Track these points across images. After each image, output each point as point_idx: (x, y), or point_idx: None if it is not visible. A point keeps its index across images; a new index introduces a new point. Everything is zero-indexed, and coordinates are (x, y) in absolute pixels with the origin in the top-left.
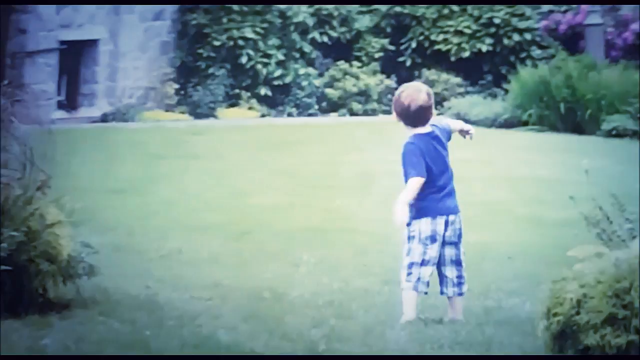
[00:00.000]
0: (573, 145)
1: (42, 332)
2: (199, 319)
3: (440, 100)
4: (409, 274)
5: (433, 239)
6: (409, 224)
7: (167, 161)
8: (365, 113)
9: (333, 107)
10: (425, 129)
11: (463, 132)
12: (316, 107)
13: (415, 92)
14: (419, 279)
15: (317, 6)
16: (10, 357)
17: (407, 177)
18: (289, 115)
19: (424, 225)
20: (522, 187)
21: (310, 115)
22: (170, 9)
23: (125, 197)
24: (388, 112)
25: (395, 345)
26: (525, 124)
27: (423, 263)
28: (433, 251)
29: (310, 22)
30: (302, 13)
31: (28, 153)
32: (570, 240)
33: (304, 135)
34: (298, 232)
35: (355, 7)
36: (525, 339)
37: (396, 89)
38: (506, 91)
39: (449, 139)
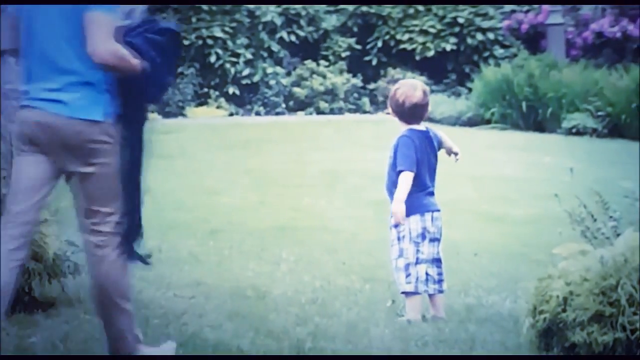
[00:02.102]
0: (534, 143)
1: (28, 330)
2: (183, 317)
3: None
4: (408, 275)
5: (423, 236)
6: (396, 225)
7: None
8: (332, 112)
9: (300, 105)
10: (421, 127)
11: (451, 152)
12: (283, 105)
13: (410, 89)
14: (417, 278)
15: (285, 6)
16: (6, 357)
17: (395, 168)
18: (257, 114)
19: (414, 224)
20: (485, 184)
21: (277, 114)
22: (140, 9)
23: None
24: (354, 111)
25: (380, 343)
26: (488, 122)
27: (418, 262)
28: (425, 248)
29: (279, 21)
30: (271, 12)
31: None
32: (535, 236)
33: (272, 133)
34: (269, 231)
35: (322, 7)
36: (507, 336)
37: (362, 87)
38: (470, 90)
39: (438, 148)
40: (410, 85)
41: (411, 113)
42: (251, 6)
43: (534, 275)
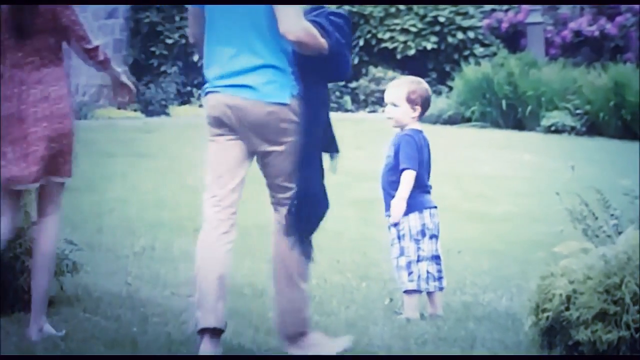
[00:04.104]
0: (514, 141)
1: (28, 329)
2: (182, 315)
3: None
4: (411, 273)
5: (423, 233)
6: (396, 224)
7: (119, 159)
8: None
9: None
10: (419, 127)
11: None
12: None
13: (425, 84)
14: (419, 276)
15: None
16: (7, 357)
17: (395, 167)
18: None
19: (413, 221)
20: (465, 182)
21: None
22: (123, 8)
23: (79, 194)
24: (336, 109)
25: (380, 341)
26: (468, 120)
27: (419, 259)
28: (425, 245)
29: None
30: None
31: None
32: (516, 234)
33: None
34: (255, 229)
35: (304, 7)
36: (505, 334)
37: (344, 86)
38: (450, 88)
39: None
40: (420, 80)
41: (429, 106)
42: None
43: (523, 273)
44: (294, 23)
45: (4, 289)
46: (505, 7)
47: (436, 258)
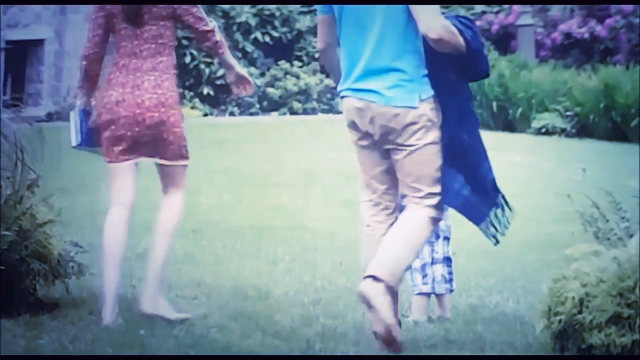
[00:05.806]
0: (504, 143)
1: (35, 331)
2: (189, 318)
3: None
4: (425, 275)
5: (437, 235)
6: None
7: None
8: (305, 112)
9: (274, 106)
10: None
11: None
12: (257, 106)
13: None
14: (433, 279)
15: (259, 6)
16: (10, 357)
17: None
18: (231, 114)
19: None
20: None
21: (251, 114)
22: None
23: (71, 196)
24: (327, 111)
25: None
26: None
27: (434, 262)
28: (439, 247)
29: (253, 22)
30: (245, 13)
31: (18, 152)
32: (509, 234)
33: (246, 134)
34: (249, 229)
35: (296, 8)
36: (514, 337)
37: (335, 88)
38: None
39: None
40: None
41: None
42: (226, 7)
43: (524, 273)
44: (435, 21)
45: (10, 291)
46: (495, 9)
47: (447, 260)
